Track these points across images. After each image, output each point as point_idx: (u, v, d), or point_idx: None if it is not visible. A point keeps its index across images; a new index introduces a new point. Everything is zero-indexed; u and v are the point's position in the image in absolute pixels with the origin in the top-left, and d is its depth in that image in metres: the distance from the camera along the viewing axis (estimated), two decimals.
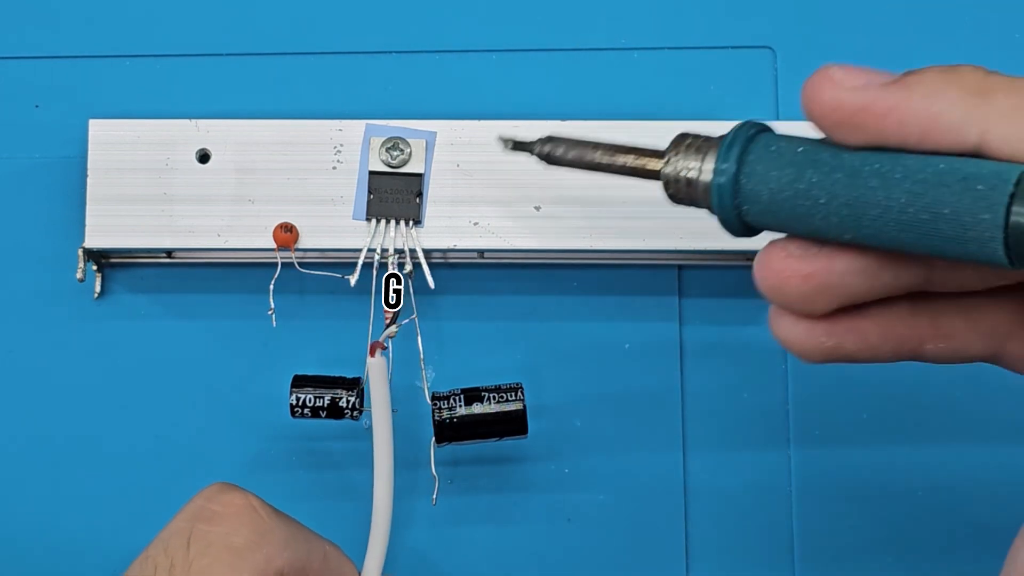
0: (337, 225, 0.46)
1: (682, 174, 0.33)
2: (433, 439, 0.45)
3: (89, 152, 0.47)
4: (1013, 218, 0.28)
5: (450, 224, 0.46)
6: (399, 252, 0.46)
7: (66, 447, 0.48)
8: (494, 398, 0.44)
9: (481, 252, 0.48)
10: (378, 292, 0.45)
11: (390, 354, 0.45)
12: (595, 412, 0.48)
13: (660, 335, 0.49)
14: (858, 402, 0.48)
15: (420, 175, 0.47)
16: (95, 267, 0.48)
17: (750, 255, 0.48)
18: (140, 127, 0.47)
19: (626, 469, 0.48)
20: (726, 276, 0.49)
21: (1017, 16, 0.50)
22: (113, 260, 0.49)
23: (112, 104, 0.50)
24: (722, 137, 0.33)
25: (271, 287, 0.45)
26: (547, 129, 0.47)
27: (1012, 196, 0.28)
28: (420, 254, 0.46)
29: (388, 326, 0.45)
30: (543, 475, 0.48)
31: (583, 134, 0.36)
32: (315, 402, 0.44)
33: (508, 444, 0.46)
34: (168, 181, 0.47)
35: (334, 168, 0.47)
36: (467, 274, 0.49)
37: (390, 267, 0.46)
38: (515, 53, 0.50)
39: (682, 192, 0.34)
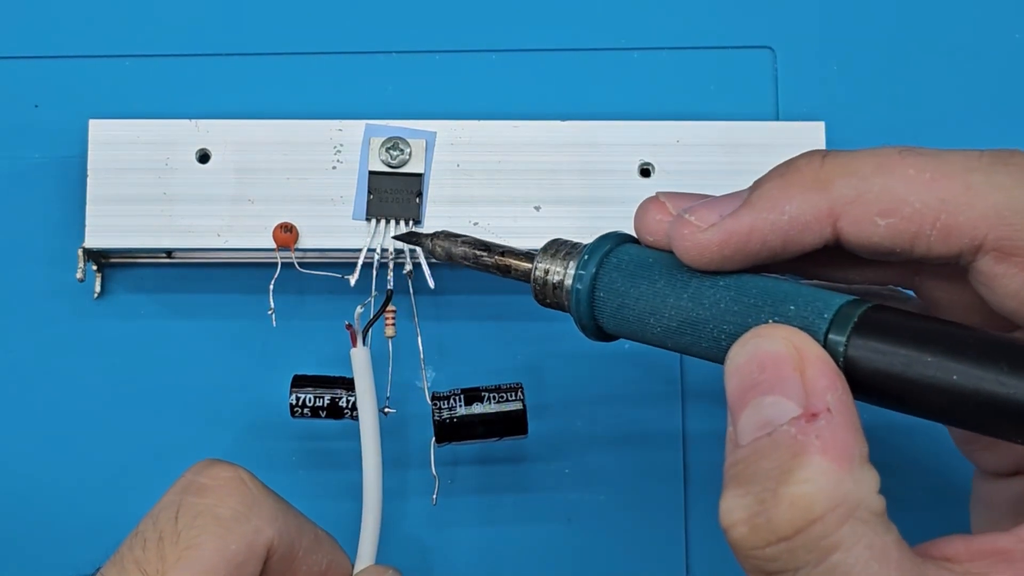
0: (337, 225, 0.46)
1: (548, 278, 0.36)
2: (433, 439, 0.45)
3: (89, 152, 0.47)
4: (829, 340, 0.30)
5: (450, 224, 0.46)
6: (399, 252, 0.46)
7: (66, 447, 0.48)
8: (494, 398, 0.44)
9: None
10: (378, 293, 0.45)
11: (389, 354, 0.45)
12: (595, 412, 0.48)
13: None
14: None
15: (420, 175, 0.47)
16: (95, 267, 0.48)
17: None
18: (140, 127, 0.47)
19: (626, 469, 0.48)
20: None
21: (1017, 16, 0.50)
22: (113, 260, 0.49)
23: (112, 104, 0.50)
24: (585, 247, 0.35)
25: (271, 287, 0.45)
26: (547, 129, 0.47)
27: (828, 328, 0.30)
28: (420, 254, 0.46)
29: (386, 324, 0.45)
30: (543, 475, 0.48)
31: (469, 231, 0.40)
32: (315, 402, 0.44)
33: (508, 444, 0.46)
34: (168, 181, 0.47)
35: (334, 168, 0.47)
36: (467, 274, 0.49)
37: (390, 267, 0.46)
38: (515, 53, 0.50)
39: (548, 295, 0.36)
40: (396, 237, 0.44)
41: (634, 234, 0.36)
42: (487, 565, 0.48)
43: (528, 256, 0.37)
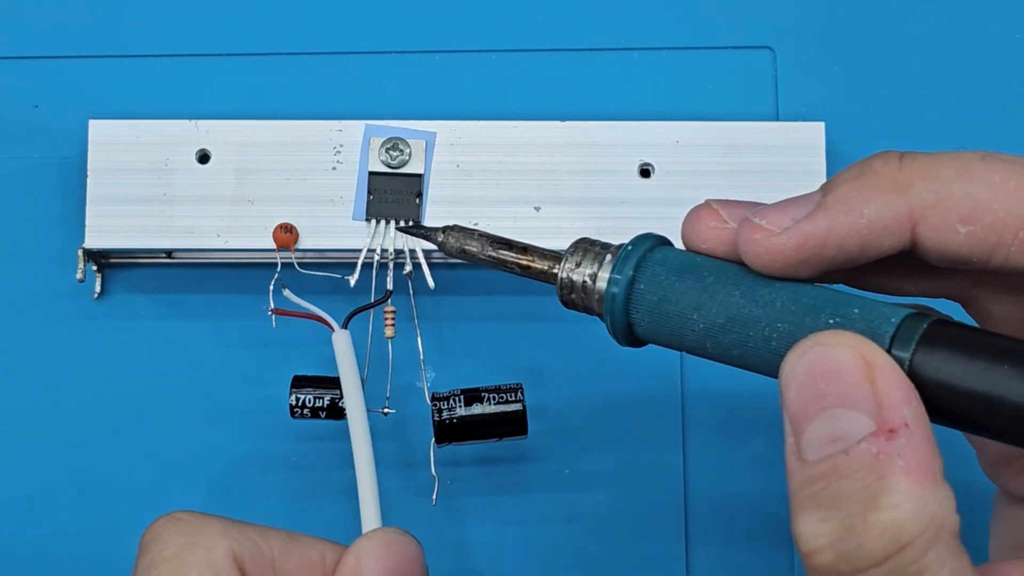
0: (337, 225, 0.46)
1: (577, 280, 0.33)
2: (433, 440, 0.45)
3: (89, 152, 0.47)
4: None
5: None
6: (399, 252, 0.46)
7: (65, 447, 0.48)
8: (494, 398, 0.44)
9: None
10: (379, 294, 0.45)
11: (389, 354, 0.45)
12: (595, 412, 0.48)
13: None
14: None
15: (420, 175, 0.47)
16: (95, 267, 0.48)
17: None
18: (140, 127, 0.47)
19: (626, 469, 0.48)
20: None
21: (1017, 16, 0.50)
22: (113, 260, 0.49)
23: (112, 104, 0.50)
24: (620, 246, 0.33)
25: (271, 287, 0.45)
26: (547, 129, 0.47)
27: (893, 335, 0.29)
28: (420, 254, 0.46)
29: (387, 325, 0.45)
30: (543, 475, 0.48)
31: (489, 228, 0.37)
32: (315, 402, 0.44)
33: (508, 444, 0.46)
34: (168, 181, 0.47)
35: (334, 168, 0.47)
36: (467, 274, 0.49)
37: (390, 268, 0.46)
38: (515, 53, 0.50)
39: (576, 298, 0.34)
40: (403, 229, 0.43)
41: (667, 237, 0.34)
42: (487, 565, 0.48)
43: (553, 255, 0.34)
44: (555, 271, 0.34)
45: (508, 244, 0.35)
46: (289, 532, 0.38)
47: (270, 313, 0.46)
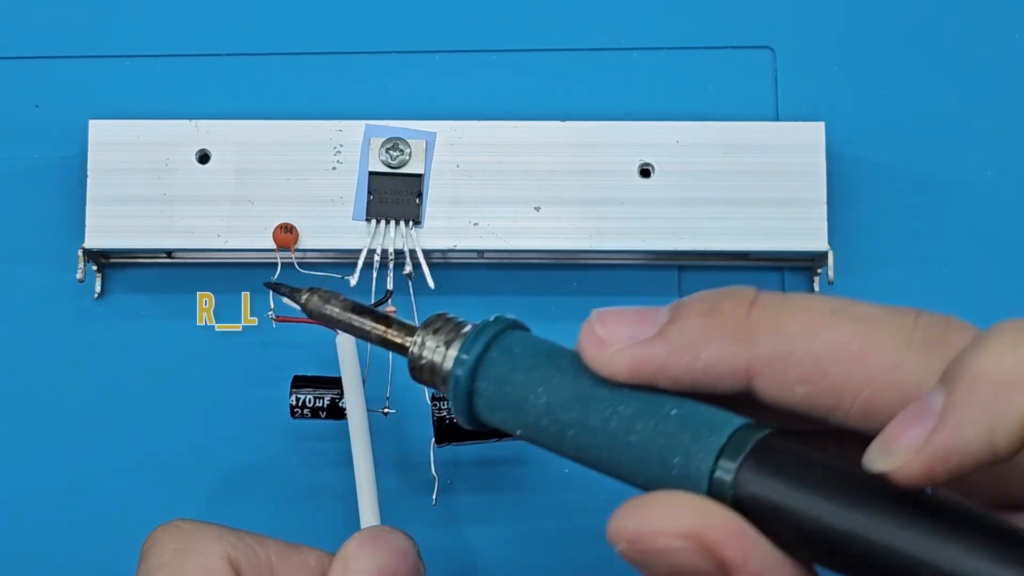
0: (337, 225, 0.46)
1: (426, 357, 0.33)
2: (433, 439, 0.45)
3: (89, 152, 0.47)
4: (716, 474, 0.28)
5: (450, 224, 0.46)
6: (399, 253, 0.46)
7: (65, 446, 0.48)
8: None
9: (481, 252, 0.48)
10: (379, 293, 0.45)
11: (389, 354, 0.45)
12: None
13: None
14: None
15: (420, 175, 0.47)
16: (95, 267, 0.48)
17: (750, 255, 0.48)
18: (140, 127, 0.47)
19: None
20: (726, 276, 0.49)
21: (1016, 16, 0.50)
22: (113, 260, 0.49)
23: (112, 104, 0.50)
24: (473, 326, 0.33)
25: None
26: (547, 129, 0.47)
27: (719, 452, 0.28)
28: (420, 255, 0.46)
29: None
30: (543, 475, 0.48)
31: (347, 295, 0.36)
32: (315, 402, 0.44)
33: (508, 444, 0.46)
34: (168, 181, 0.47)
35: (334, 168, 0.47)
36: (467, 274, 0.49)
37: (390, 268, 0.46)
38: (515, 53, 0.50)
39: (425, 374, 0.33)
40: (268, 285, 0.41)
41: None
42: (487, 565, 0.48)
43: (409, 328, 0.34)
44: (407, 345, 0.34)
45: (368, 312, 0.35)
46: (287, 542, 0.38)
47: (272, 320, 0.46)
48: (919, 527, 0.26)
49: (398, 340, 0.34)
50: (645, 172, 0.47)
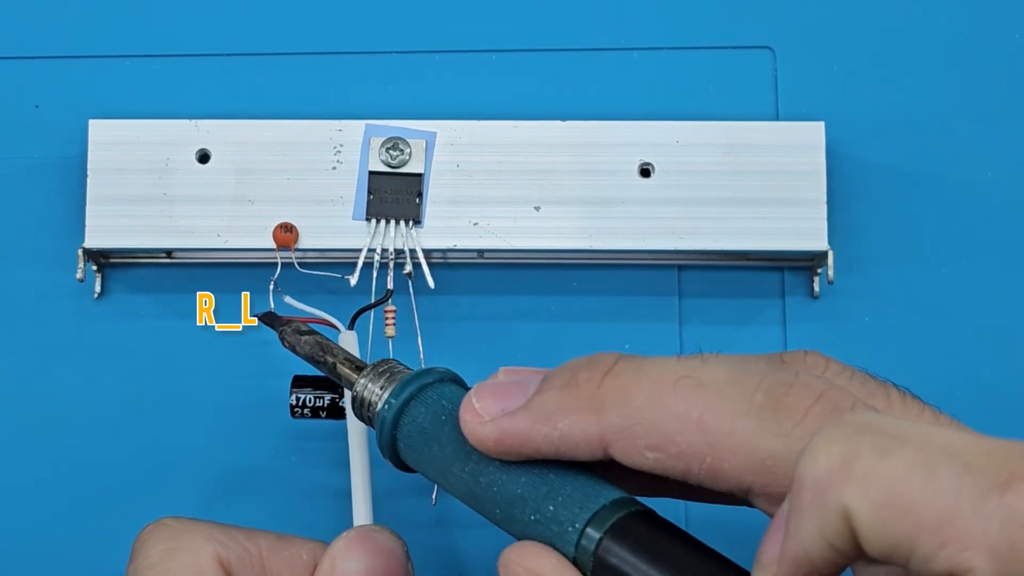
0: (337, 225, 0.46)
1: (364, 395, 0.36)
2: None
3: (89, 152, 0.47)
4: (580, 544, 0.31)
5: (450, 224, 0.46)
6: (399, 252, 0.46)
7: (65, 446, 0.48)
8: None
9: (481, 252, 0.48)
10: (379, 292, 0.45)
11: (390, 354, 0.45)
12: None
13: (660, 335, 0.49)
14: None
15: (420, 175, 0.47)
16: (95, 267, 0.48)
17: (750, 255, 0.48)
18: (140, 127, 0.47)
19: None
20: (726, 276, 0.49)
21: (1017, 16, 0.50)
22: (113, 260, 0.49)
23: (112, 104, 0.50)
24: (409, 374, 0.36)
25: (271, 287, 0.45)
26: (547, 129, 0.47)
27: (580, 533, 0.31)
28: (420, 254, 0.46)
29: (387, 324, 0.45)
30: None
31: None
32: (315, 402, 0.44)
33: None
34: (168, 181, 0.47)
35: (334, 168, 0.47)
36: (467, 274, 0.49)
37: (390, 267, 0.46)
38: (515, 53, 0.50)
39: (363, 412, 0.36)
40: (256, 316, 0.44)
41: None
42: (487, 565, 0.48)
43: (358, 368, 0.37)
44: (352, 382, 0.37)
45: (328, 350, 0.39)
46: (278, 534, 0.38)
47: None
48: None
49: (351, 378, 0.37)
50: (645, 172, 0.47)
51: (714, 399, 0.30)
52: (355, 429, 0.43)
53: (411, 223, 0.46)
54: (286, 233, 0.46)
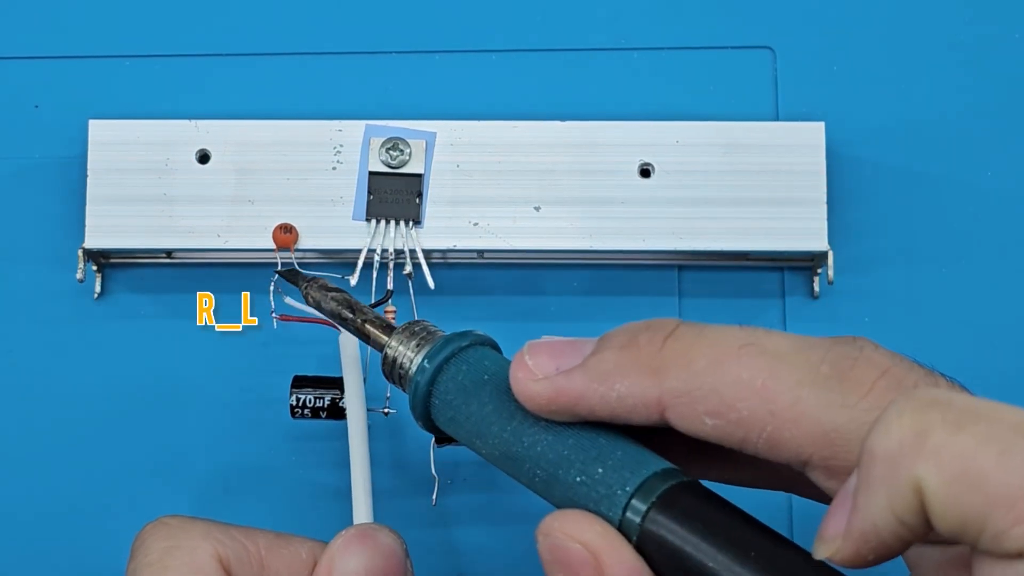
0: (337, 225, 0.46)
1: (398, 359, 0.35)
2: (433, 440, 0.44)
3: (89, 152, 0.47)
4: (626, 515, 0.30)
5: (450, 224, 0.46)
6: (399, 252, 0.46)
7: (65, 446, 0.48)
8: None
9: (481, 252, 0.48)
10: (379, 292, 0.45)
11: None
12: None
13: None
14: None
15: (420, 175, 0.47)
16: (95, 267, 0.48)
17: (750, 255, 0.48)
18: (140, 127, 0.47)
19: None
20: (726, 276, 0.49)
21: (1017, 16, 0.50)
22: (113, 260, 0.49)
23: (112, 104, 0.50)
24: (444, 337, 0.35)
25: (271, 287, 0.45)
26: (547, 129, 0.47)
27: (628, 500, 0.30)
28: (420, 254, 0.46)
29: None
30: None
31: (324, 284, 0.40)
32: (315, 403, 0.44)
33: None
34: (168, 181, 0.47)
35: (334, 168, 0.47)
36: (467, 274, 0.49)
37: (390, 268, 0.46)
38: (515, 53, 0.50)
39: (393, 374, 0.36)
40: (278, 272, 0.44)
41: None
42: (487, 565, 0.48)
43: (388, 328, 0.37)
44: (382, 344, 0.36)
45: (356, 308, 0.38)
46: (277, 533, 0.38)
47: (275, 319, 0.45)
48: None
49: (378, 337, 0.37)
50: (645, 172, 0.47)
51: (779, 367, 0.29)
52: (355, 428, 0.43)
53: (411, 223, 0.46)
54: (286, 234, 0.46)
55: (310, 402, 0.44)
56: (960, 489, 0.25)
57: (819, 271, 0.48)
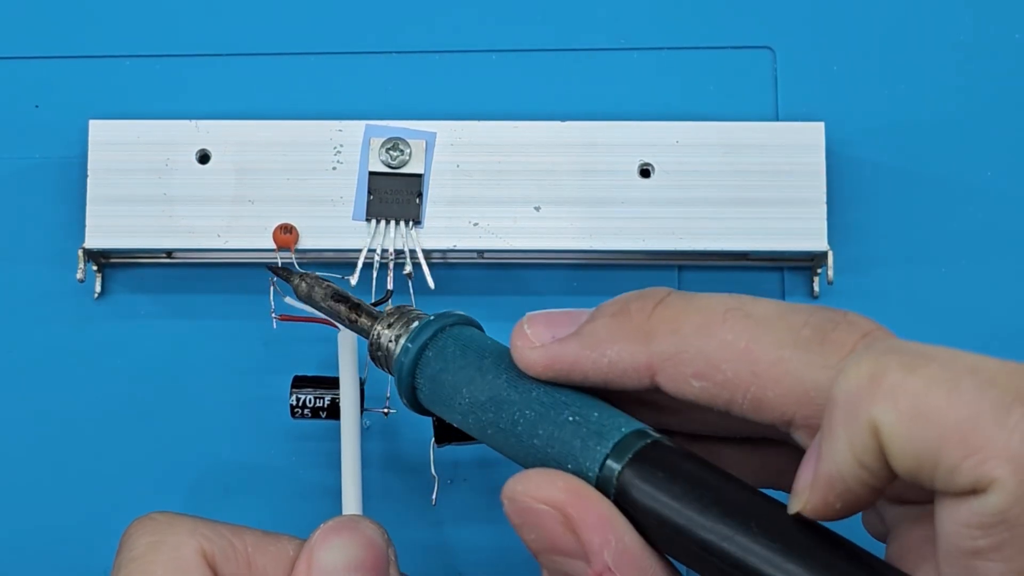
0: (337, 226, 0.46)
1: (382, 341, 0.36)
2: (433, 440, 0.45)
3: (89, 152, 0.47)
4: (603, 472, 0.31)
5: (450, 224, 0.46)
6: (399, 252, 0.46)
7: (65, 446, 0.48)
8: None
9: (481, 252, 0.48)
10: (379, 293, 0.45)
11: None
12: None
13: None
14: None
15: (420, 175, 0.47)
16: (95, 267, 0.48)
17: (750, 255, 0.48)
18: (140, 127, 0.47)
19: None
20: (726, 276, 0.49)
21: (1017, 16, 0.50)
22: (113, 260, 0.49)
23: (112, 104, 0.50)
24: (425, 318, 0.36)
25: (271, 288, 0.45)
26: (547, 129, 0.47)
27: (606, 455, 0.31)
28: (420, 255, 0.46)
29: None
30: None
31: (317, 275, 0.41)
32: (315, 402, 0.44)
33: None
34: (168, 182, 0.47)
35: (334, 168, 0.47)
36: (467, 274, 0.49)
37: (390, 268, 0.46)
38: (515, 53, 0.50)
39: (380, 357, 0.37)
40: (269, 267, 0.44)
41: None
42: (487, 565, 0.48)
43: (374, 316, 0.37)
44: (368, 329, 0.37)
45: (344, 299, 0.39)
46: (266, 531, 0.38)
47: (275, 319, 0.45)
48: (769, 544, 0.28)
49: (365, 325, 0.38)
50: (645, 172, 0.47)
51: (762, 330, 0.30)
52: (348, 424, 0.43)
53: (411, 223, 0.46)
54: (286, 234, 0.46)
55: (310, 402, 0.44)
56: (913, 427, 0.26)
57: (819, 271, 0.48)
